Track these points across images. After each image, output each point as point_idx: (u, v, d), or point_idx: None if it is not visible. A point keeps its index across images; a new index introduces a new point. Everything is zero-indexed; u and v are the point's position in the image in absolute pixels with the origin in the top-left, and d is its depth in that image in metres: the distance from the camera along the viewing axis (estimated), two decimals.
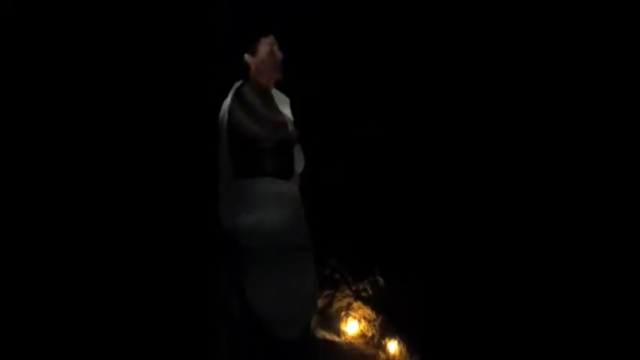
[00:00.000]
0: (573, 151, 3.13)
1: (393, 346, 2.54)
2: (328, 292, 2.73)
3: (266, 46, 2.16)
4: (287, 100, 2.36)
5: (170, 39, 2.91)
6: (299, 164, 2.35)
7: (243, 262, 2.27)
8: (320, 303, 2.66)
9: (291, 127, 2.26)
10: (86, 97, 2.80)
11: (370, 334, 2.61)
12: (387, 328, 2.61)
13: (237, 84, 2.25)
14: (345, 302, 2.71)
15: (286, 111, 2.32)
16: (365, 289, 2.76)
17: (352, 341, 2.58)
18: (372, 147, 3.61)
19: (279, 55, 2.19)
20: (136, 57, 2.84)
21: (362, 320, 2.65)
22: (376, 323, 2.64)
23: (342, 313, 2.67)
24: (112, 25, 2.69)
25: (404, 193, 3.34)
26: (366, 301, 2.71)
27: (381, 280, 2.80)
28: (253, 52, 2.16)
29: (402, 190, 3.36)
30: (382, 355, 2.54)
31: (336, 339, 2.57)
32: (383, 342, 2.58)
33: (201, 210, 2.74)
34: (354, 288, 2.76)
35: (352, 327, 2.61)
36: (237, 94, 2.19)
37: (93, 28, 2.64)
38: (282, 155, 2.24)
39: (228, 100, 2.21)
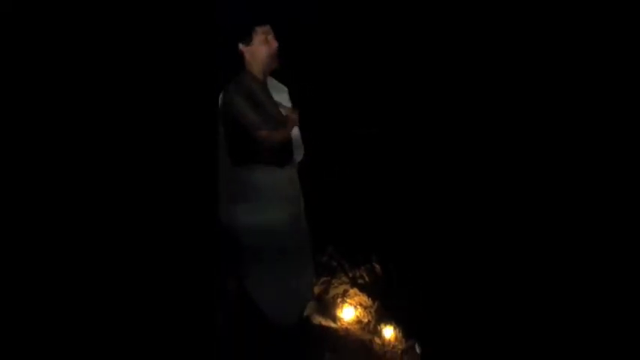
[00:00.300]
0: (573, 151, 3.15)
1: (388, 331, 2.56)
2: (325, 278, 2.76)
3: (261, 35, 2.16)
4: (284, 88, 2.37)
5: (170, 38, 2.97)
6: (298, 153, 2.35)
7: (244, 262, 2.28)
8: (316, 290, 2.70)
9: (287, 112, 2.25)
10: (85, 97, 2.86)
11: (366, 320, 2.64)
12: (383, 314, 2.63)
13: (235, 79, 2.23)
14: (341, 289, 2.74)
15: (284, 100, 2.32)
16: (362, 276, 2.80)
17: (348, 327, 2.60)
18: (372, 147, 3.64)
19: (274, 43, 2.19)
20: (135, 56, 2.89)
21: (358, 306, 2.68)
22: (372, 309, 2.67)
23: (338, 300, 2.70)
24: (111, 25, 2.75)
25: (402, 187, 3.37)
26: (363, 288, 2.74)
27: (377, 267, 2.82)
28: (248, 42, 2.16)
29: (401, 184, 3.39)
30: (377, 341, 2.56)
31: (332, 325, 2.60)
32: (378, 328, 2.60)
33: (201, 208, 2.77)
34: (350, 275, 2.80)
35: (348, 313, 2.64)
36: (238, 85, 2.19)
37: (92, 28, 2.70)
38: (281, 145, 2.23)
39: (227, 91, 2.20)
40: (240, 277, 2.34)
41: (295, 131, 2.31)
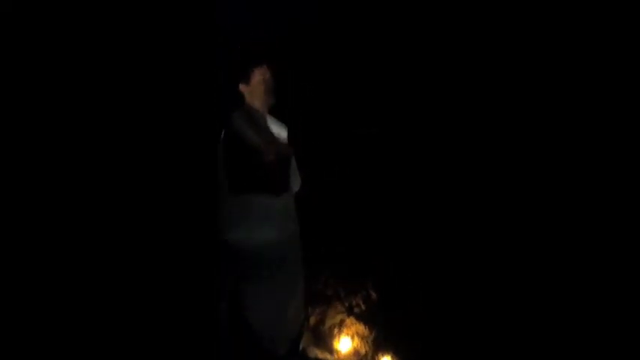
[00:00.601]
0: (573, 151, 3.12)
1: None
2: (320, 309, 2.73)
3: (258, 75, 2.26)
4: (284, 126, 2.38)
5: (170, 39, 2.88)
6: (295, 183, 2.37)
7: (242, 280, 2.29)
8: (312, 320, 2.66)
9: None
10: (86, 97, 2.79)
11: (363, 351, 2.61)
12: (380, 344, 2.62)
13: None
14: (337, 319, 2.69)
15: (283, 135, 2.33)
16: (358, 305, 2.77)
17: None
18: (372, 147, 3.61)
19: (271, 81, 2.28)
20: (136, 57, 2.81)
21: (355, 337, 2.65)
22: (369, 339, 2.64)
23: (335, 331, 2.67)
24: (112, 25, 2.65)
25: (402, 196, 3.35)
26: (359, 317, 2.72)
27: (373, 294, 2.80)
28: (247, 82, 2.25)
29: (400, 193, 3.37)
30: None
31: (329, 358, 2.58)
32: (376, 358, 2.58)
33: (201, 219, 2.76)
34: (346, 304, 2.77)
35: (345, 344, 2.61)
36: (240, 112, 2.23)
37: (93, 28, 2.61)
38: (279, 171, 2.25)
39: (230, 118, 2.24)
40: (239, 300, 2.34)
41: (292, 162, 2.32)
